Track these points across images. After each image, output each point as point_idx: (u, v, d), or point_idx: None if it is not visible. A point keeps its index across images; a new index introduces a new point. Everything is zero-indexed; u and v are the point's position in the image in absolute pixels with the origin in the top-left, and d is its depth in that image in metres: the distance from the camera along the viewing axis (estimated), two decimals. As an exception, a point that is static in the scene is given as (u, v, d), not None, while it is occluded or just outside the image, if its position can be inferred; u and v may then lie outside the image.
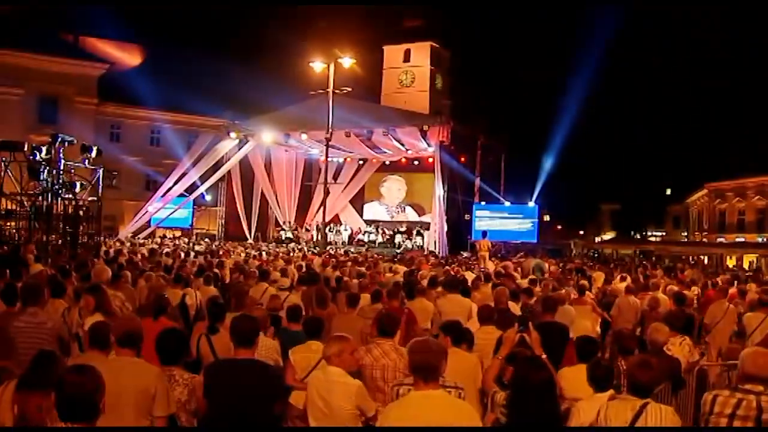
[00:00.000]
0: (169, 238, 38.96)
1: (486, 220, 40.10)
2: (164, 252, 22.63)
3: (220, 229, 45.36)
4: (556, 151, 46.24)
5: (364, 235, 43.17)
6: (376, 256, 26.18)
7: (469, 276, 16.82)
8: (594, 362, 5.65)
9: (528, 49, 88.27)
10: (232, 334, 5.30)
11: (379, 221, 45.96)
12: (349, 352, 5.67)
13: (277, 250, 29.93)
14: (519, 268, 21.10)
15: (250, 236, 44.14)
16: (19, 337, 6.62)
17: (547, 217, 54.72)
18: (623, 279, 17.62)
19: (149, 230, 40.27)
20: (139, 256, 19.14)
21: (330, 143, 32.47)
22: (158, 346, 5.35)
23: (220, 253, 24.15)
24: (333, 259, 21.60)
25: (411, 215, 47.20)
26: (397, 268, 18.94)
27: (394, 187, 48.22)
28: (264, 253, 25.57)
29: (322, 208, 33.20)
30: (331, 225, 42.14)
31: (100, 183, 23.73)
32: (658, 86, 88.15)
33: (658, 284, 15.10)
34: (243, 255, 23.72)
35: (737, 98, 75.12)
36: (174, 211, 40.88)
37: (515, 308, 10.26)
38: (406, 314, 9.81)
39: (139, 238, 35.01)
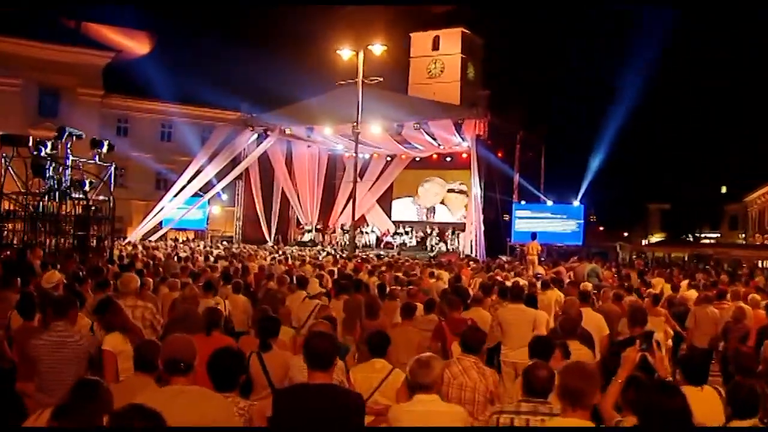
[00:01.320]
0: (183, 241, 38.65)
1: (527, 221, 39.46)
2: (176, 256, 22.28)
3: (237, 231, 44.84)
4: (600, 146, 45.58)
5: (392, 237, 42.78)
6: (412, 260, 25.67)
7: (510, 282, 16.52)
8: (735, 384, 5.22)
9: (569, 36, 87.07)
10: (306, 354, 4.81)
11: (409, 222, 45.49)
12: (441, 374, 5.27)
13: (302, 253, 29.49)
14: (571, 274, 20.59)
15: (270, 239, 43.73)
16: (44, 356, 6.23)
17: (593, 218, 54.05)
18: (693, 286, 17.04)
19: (161, 232, 39.97)
20: (156, 260, 18.80)
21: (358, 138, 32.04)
22: (212, 368, 4.83)
23: (244, 257, 23.76)
24: (366, 264, 21.09)
25: (442, 215, 46.69)
26: (440, 274, 18.45)
27: (432, 190, 47.54)
28: (289, 257, 25.16)
29: (351, 207, 32.77)
30: (357, 226, 41.67)
31: (112, 181, 23.40)
32: (713, 78, 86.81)
33: (738, 293, 14.40)
34: (267, 259, 23.31)
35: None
36: (188, 212, 40.54)
37: (596, 320, 9.75)
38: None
39: (150, 241, 34.69)
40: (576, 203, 41.12)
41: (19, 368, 6.23)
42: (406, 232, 42.64)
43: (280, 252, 29.26)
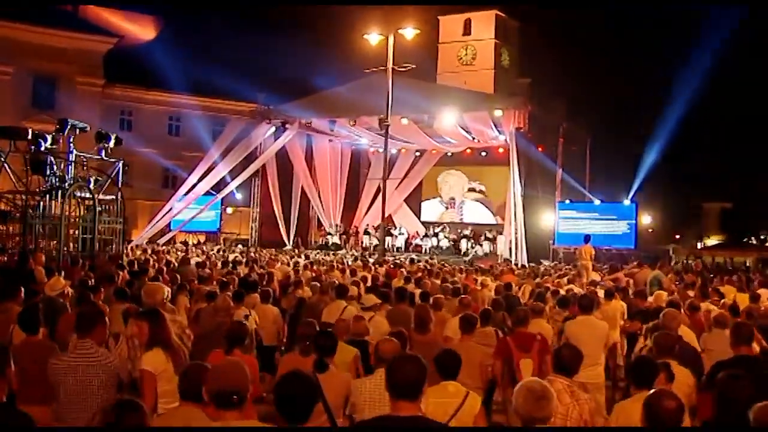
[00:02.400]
0: (194, 245, 38.43)
1: (572, 222, 39.07)
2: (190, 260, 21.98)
3: (253, 234, 44.53)
4: (652, 139, 44.99)
5: (422, 240, 42.34)
6: (447, 265, 25.25)
7: (563, 290, 16.07)
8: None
9: (616, 18, 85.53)
10: (390, 381, 4.39)
11: (440, 223, 45.01)
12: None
13: (327, 258, 29.15)
14: (630, 281, 20.07)
15: (289, 242, 43.52)
16: (66, 380, 5.92)
17: (648, 219, 53.38)
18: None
19: (169, 235, 39.92)
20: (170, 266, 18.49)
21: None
22: (280, 395, 4.31)
23: (265, 262, 23.43)
24: (400, 270, 20.65)
25: (476, 215, 46.28)
26: (485, 281, 18.05)
27: (451, 181, 47.48)
28: (313, 262, 24.82)
29: (376, 207, 32.44)
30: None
31: (120, 178, 23.10)
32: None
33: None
34: (290, 264, 22.97)
35: None
36: (199, 213, 40.40)
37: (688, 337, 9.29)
38: (540, 342, 9.22)
39: (158, 244, 34.46)
40: (626, 202, 40.54)
41: (21, 391, 5.80)
42: (436, 234, 42.17)
43: (303, 256, 28.92)
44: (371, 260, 27.57)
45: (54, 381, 5.94)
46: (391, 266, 22.98)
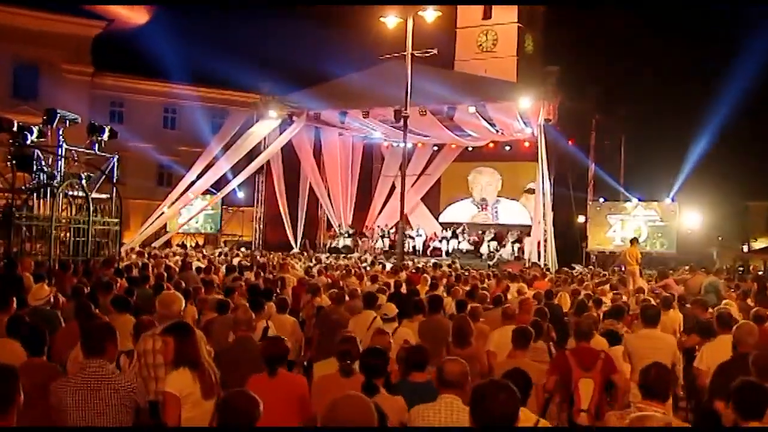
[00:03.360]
0: (192, 247, 38.06)
1: (606, 222, 38.92)
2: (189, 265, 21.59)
3: (256, 235, 44.03)
4: (693, 133, 44.42)
5: (440, 242, 41.87)
6: (473, 270, 24.81)
7: (607, 299, 15.88)
8: None
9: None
10: (479, 414, 3.98)
11: (459, 223, 44.22)
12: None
13: (341, 262, 28.69)
14: (682, 288, 19.59)
15: (296, 244, 43.07)
16: (73, 405, 5.57)
17: (690, 219, 52.79)
18: None
19: (165, 237, 39.61)
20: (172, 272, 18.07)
21: (400, 123, 31.13)
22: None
23: (274, 266, 23.02)
24: (424, 276, 20.14)
25: (513, 216, 45.32)
26: (522, 288, 17.64)
27: (482, 181, 46.85)
28: (327, 267, 24.39)
29: (390, 207, 32.06)
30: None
31: (114, 174, 22.79)
32: None
33: None
34: (300, 269, 22.56)
35: None
36: (199, 213, 40.01)
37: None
38: (603, 361, 8.75)
39: (154, 247, 34.07)
40: (667, 201, 40.10)
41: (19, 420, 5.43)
42: (455, 236, 41.62)
43: (314, 260, 28.53)
44: (388, 264, 27.16)
45: (59, 408, 5.58)
46: (413, 271, 22.48)
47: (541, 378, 8.44)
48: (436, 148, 45.34)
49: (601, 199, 40.23)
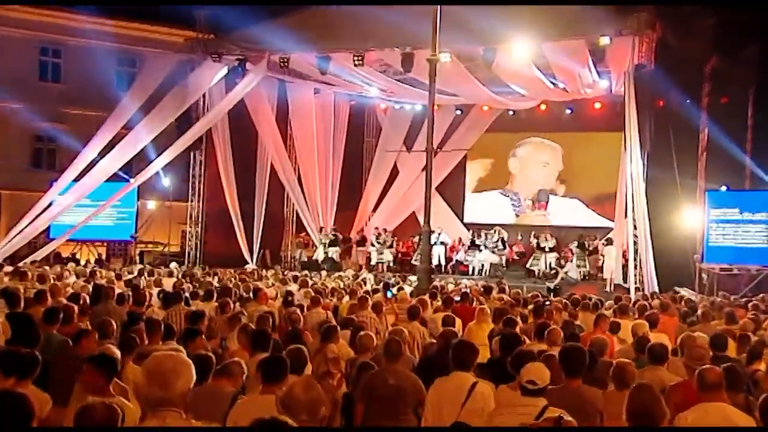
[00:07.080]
0: (95, 263, 28.85)
1: (731, 223, 26.66)
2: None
3: (191, 244, 32.14)
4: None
5: (468, 252, 30.95)
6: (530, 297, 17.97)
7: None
8: None
9: None
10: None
11: (490, 225, 32.37)
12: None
13: (330, 284, 21.10)
14: None
15: (252, 258, 31.82)
16: None
17: None
18: None
19: (49, 247, 28.88)
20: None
21: (410, 74, 25.33)
22: None
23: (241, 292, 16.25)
24: (482, 307, 13.54)
25: (558, 212, 34.26)
26: (624, 325, 12.17)
27: (536, 158, 34.90)
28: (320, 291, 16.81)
29: (389, 201, 25.70)
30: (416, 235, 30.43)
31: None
32: None
33: None
34: (276, 296, 16.49)
35: None
36: (100, 210, 29.57)
37: None
38: None
39: (35, 262, 25.14)
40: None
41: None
42: (486, 246, 30.39)
43: (292, 280, 20.88)
44: (407, 287, 20.22)
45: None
46: (455, 299, 15.80)
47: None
48: (459, 111, 33.19)
49: (724, 188, 28.03)
